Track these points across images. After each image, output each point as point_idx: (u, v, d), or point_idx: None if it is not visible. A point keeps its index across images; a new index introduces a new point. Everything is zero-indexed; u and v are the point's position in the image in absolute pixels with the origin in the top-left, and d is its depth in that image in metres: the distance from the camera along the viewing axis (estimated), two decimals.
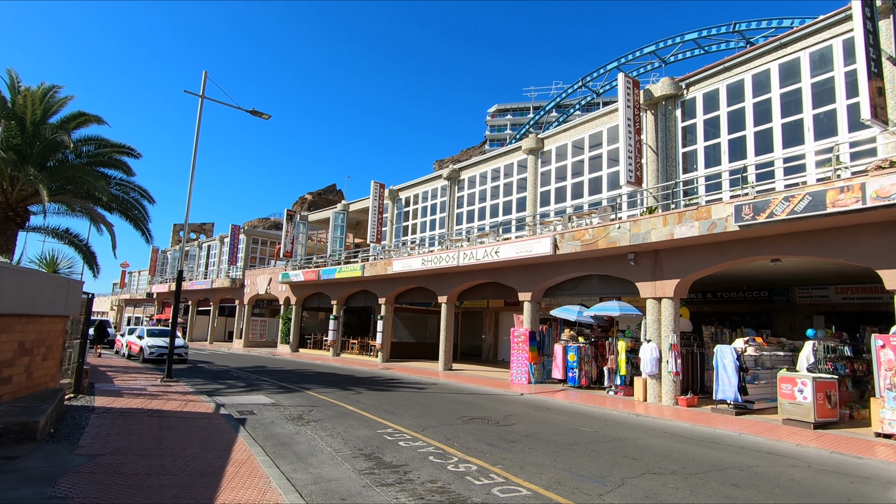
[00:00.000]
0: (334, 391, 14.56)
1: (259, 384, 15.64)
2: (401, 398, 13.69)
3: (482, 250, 18.42)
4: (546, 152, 18.86)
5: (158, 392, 12.47)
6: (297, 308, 32.74)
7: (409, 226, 25.78)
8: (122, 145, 18.65)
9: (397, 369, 22.32)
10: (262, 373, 19.33)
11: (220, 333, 45.12)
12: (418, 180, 25.43)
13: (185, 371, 18.90)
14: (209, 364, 22.47)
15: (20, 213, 16.99)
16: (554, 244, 15.65)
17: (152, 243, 20.54)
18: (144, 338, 22.41)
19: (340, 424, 9.72)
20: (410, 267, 22.10)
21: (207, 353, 29.89)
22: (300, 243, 33.33)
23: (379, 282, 25.84)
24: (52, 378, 9.42)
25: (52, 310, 8.82)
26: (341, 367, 23.02)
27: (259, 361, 25.14)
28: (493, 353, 30.10)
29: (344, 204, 30.27)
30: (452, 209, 22.79)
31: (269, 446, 7.73)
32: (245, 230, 40.49)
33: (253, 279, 37.34)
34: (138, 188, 19.50)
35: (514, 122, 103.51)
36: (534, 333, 17.88)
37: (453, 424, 10.21)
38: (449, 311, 22.12)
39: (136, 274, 63.95)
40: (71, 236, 19.55)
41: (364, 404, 12.31)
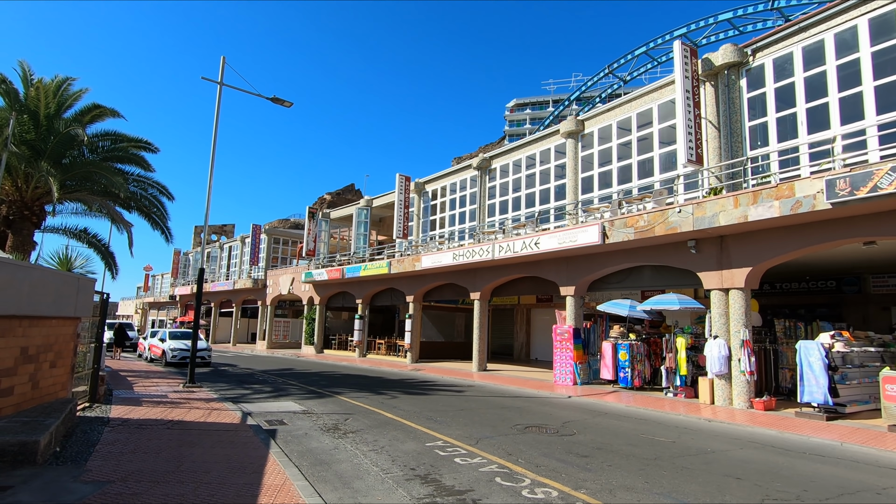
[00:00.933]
0: (367, 396, 13.44)
1: (286, 389, 14.61)
2: (440, 403, 12.50)
3: (520, 242, 17.14)
4: (587, 135, 17.49)
5: (180, 399, 11.49)
6: (320, 308, 31.83)
7: (436, 220, 24.61)
8: (139, 139, 17.82)
9: (428, 370, 21.18)
10: (288, 376, 18.34)
11: (243, 335, 44.59)
12: (446, 171, 24.24)
13: (208, 375, 18.01)
14: (233, 367, 21.61)
15: (36, 212, 16.23)
16: (602, 233, 14.30)
17: (172, 242, 19.73)
18: (167, 341, 21.64)
19: (382, 436, 8.56)
20: (440, 262, 20.92)
21: (231, 356, 29.14)
22: (323, 241, 32.41)
23: (406, 279, 24.72)
24: (62, 387, 8.44)
25: (59, 311, 7.83)
26: (369, 369, 21.96)
27: (284, 364, 24.23)
28: (525, 352, 28.78)
29: (367, 199, 29.23)
30: (483, 200, 21.54)
31: (306, 466, 6.60)
32: (266, 230, 39.79)
33: (275, 279, 36.58)
34: (157, 184, 18.67)
35: (533, 116, 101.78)
36: (578, 331, 16.55)
37: (509, 434, 8.98)
38: (482, 308, 20.89)
39: (160, 277, 64.04)
40: (89, 236, 18.81)
41: (403, 411, 11.15)
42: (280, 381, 16.69)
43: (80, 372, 10.87)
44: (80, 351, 11.96)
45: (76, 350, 9.01)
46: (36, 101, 15.60)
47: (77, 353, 9.08)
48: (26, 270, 6.81)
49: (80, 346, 11.80)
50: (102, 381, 10.56)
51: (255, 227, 39.39)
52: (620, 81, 46.31)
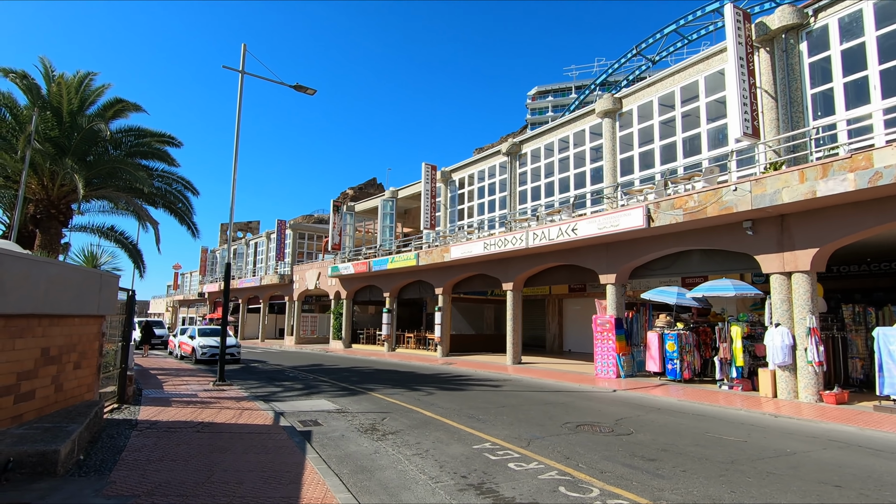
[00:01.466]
0: (402, 392, 12.85)
1: (318, 386, 14.13)
2: (479, 399, 11.83)
3: (555, 229, 16.29)
4: (625, 113, 16.49)
5: (210, 398, 11.07)
6: (347, 302, 31.48)
7: (464, 209, 23.86)
8: (162, 134, 17.52)
9: (460, 364, 20.54)
10: (318, 372, 17.92)
11: (271, 331, 44.71)
12: (473, 159, 23.45)
13: (238, 372, 17.70)
14: (263, 363, 21.33)
15: (63, 211, 16.06)
16: (647, 215, 13.37)
17: (199, 238, 19.46)
18: (196, 338, 21.48)
19: (425, 437, 7.92)
20: (471, 252, 20.20)
21: (260, 352, 29.03)
22: (348, 235, 32.00)
23: (435, 270, 24.08)
24: (87, 389, 8.03)
25: (81, 309, 7.37)
26: (400, 364, 21.43)
27: (313, 359, 23.90)
28: (558, 344, 27.93)
29: (392, 191, 28.65)
30: (514, 187, 20.71)
31: (347, 474, 6.00)
32: (291, 225, 39.63)
33: (301, 274, 36.39)
34: (181, 179, 18.36)
35: (555, 103, 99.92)
36: (620, 321, 15.67)
37: (560, 435, 8.25)
38: (515, 299, 20.12)
39: (189, 275, 64.88)
40: (116, 234, 18.65)
41: (441, 408, 10.51)
42: (310, 377, 16.25)
43: (108, 372, 10.53)
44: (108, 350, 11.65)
45: (102, 350, 8.59)
46: (58, 98, 15.36)
47: (103, 352, 8.66)
48: (43, 266, 6.34)
49: (108, 345, 11.48)
50: (131, 381, 10.20)
51: (280, 222, 39.25)
52: (648, 62, 44.75)
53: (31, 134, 13.50)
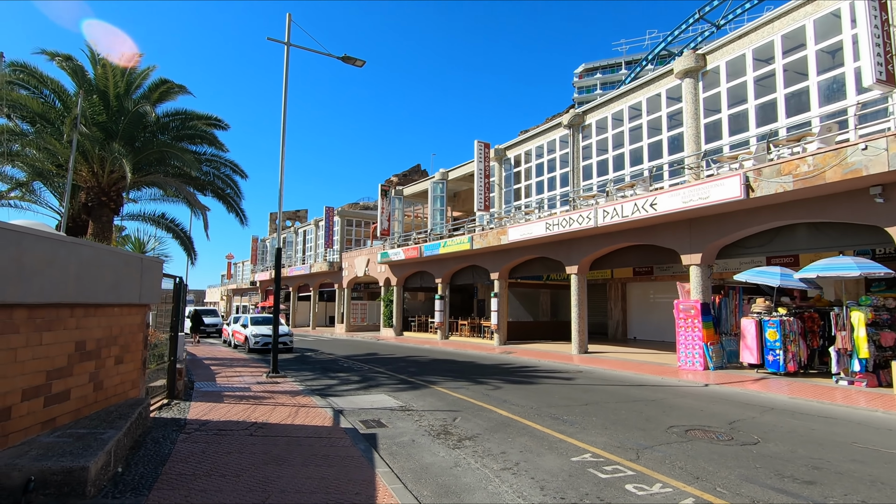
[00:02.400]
0: (466, 386, 11.71)
1: (375, 378, 13.20)
2: (555, 395, 10.53)
3: (629, 205, 14.64)
4: (710, 72, 14.54)
5: (264, 392, 10.26)
6: (398, 289, 30.67)
7: (520, 188, 22.37)
8: (209, 116, 16.89)
9: (520, 353, 19.25)
10: (373, 362, 17.06)
11: (321, 318, 44.74)
12: (530, 134, 21.87)
13: (291, 362, 17.08)
14: (315, 352, 20.74)
15: (113, 198, 15.69)
16: (745, 185, 11.58)
17: (247, 225, 18.90)
18: (249, 326, 21.10)
19: (509, 445, 6.72)
20: (530, 234, 18.77)
21: (312, 340, 28.68)
22: (397, 220, 31.09)
23: (490, 254, 22.78)
24: (132, 386, 7.25)
25: (120, 297, 6.54)
26: (456, 353, 20.36)
27: (366, 348, 23.19)
28: (621, 331, 26.16)
29: (442, 172, 27.43)
30: (577, 162, 19.05)
31: (428, 496, 4.86)
32: (338, 212, 39.17)
33: (350, 261, 35.89)
34: (229, 163, 17.77)
35: (604, 80, 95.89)
36: (707, 306, 13.94)
37: (671, 443, 6.86)
38: (580, 283, 18.58)
39: (241, 264, 66.21)
40: (167, 221, 18.30)
41: (517, 406, 9.29)
42: (366, 368, 15.38)
43: (160, 364, 9.87)
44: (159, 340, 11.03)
45: (147, 342, 7.81)
46: (104, 81, 14.90)
47: (148, 345, 7.88)
48: (72, 247, 5.46)
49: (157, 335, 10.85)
50: (181, 374, 9.49)
51: (328, 209, 38.85)
52: (713, 27, 41.36)
53: (77, 117, 13.02)
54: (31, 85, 14.40)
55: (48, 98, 14.99)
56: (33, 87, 14.74)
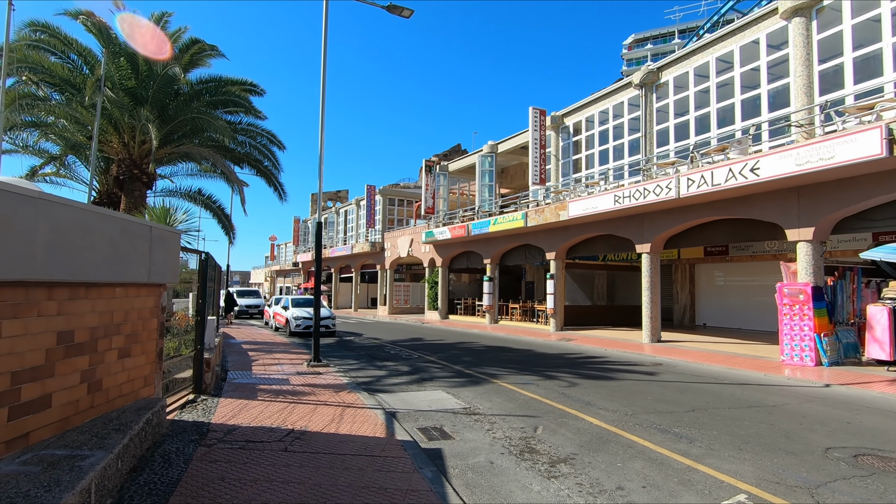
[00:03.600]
0: (535, 381, 10.03)
1: (427, 369, 11.69)
2: (647, 395, 8.73)
3: (722, 171, 12.45)
4: (826, 8, 12.04)
5: (304, 387, 8.89)
6: (443, 270, 29.15)
7: (580, 159, 20.25)
8: (244, 81, 15.59)
9: (581, 340, 17.41)
10: (421, 348, 15.60)
11: (363, 300, 43.92)
12: (592, 98, 19.65)
13: (334, 347, 15.83)
14: (358, 336, 19.49)
15: (145, 171, 14.64)
16: (888, 140, 9.27)
17: (285, 200, 17.65)
18: (290, 308, 20.04)
19: (622, 474, 5.01)
20: (595, 209, 16.74)
21: (354, 323, 27.61)
22: (442, 198, 29.43)
23: (546, 232, 20.85)
24: (144, 383, 5.91)
25: (121, 274, 5.14)
26: (511, 339, 18.69)
27: (411, 331, 21.83)
28: (689, 317, 23.81)
29: (491, 145, 25.49)
30: (650, 126, 16.79)
31: None
32: (380, 190, 37.85)
33: (393, 241, 34.60)
34: (266, 133, 16.47)
35: (655, 51, 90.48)
36: (820, 290, 11.69)
37: (849, 478, 5.00)
38: (653, 263, 16.47)
39: (284, 246, 66.37)
40: (204, 198, 17.25)
41: (606, 411, 7.55)
42: (415, 355, 13.91)
43: (187, 353, 8.63)
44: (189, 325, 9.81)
45: (163, 329, 6.45)
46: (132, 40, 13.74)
47: (164, 333, 6.52)
48: (38, 205, 4.01)
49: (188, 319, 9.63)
50: (209, 365, 8.19)
51: (370, 187, 37.59)
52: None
53: (101, 78, 11.86)
54: (54, 48, 13.37)
55: (75, 63, 13.98)
56: (59, 51, 13.73)
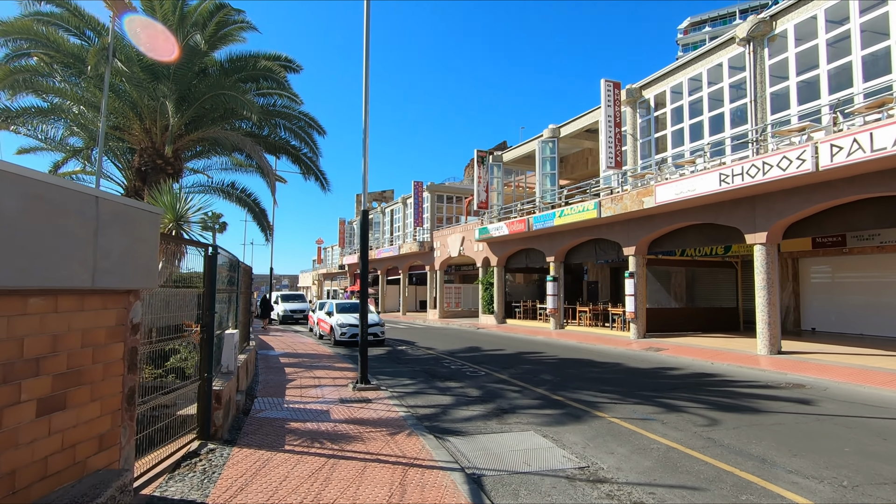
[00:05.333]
0: (655, 414, 7.39)
1: (501, 392, 9.22)
2: (834, 441, 5.94)
3: (891, 131, 9.38)
4: None
5: (348, 426, 6.62)
6: (498, 270, 26.59)
7: (663, 137, 17.29)
8: (277, 56, 13.64)
9: (673, 350, 14.50)
10: (485, 361, 13.15)
11: (411, 303, 41.89)
12: (679, 62, 16.67)
13: (384, 360, 13.62)
14: (410, 346, 17.23)
15: (170, 161, 12.87)
16: None
17: (328, 190, 15.60)
18: (334, 314, 18.04)
19: None
20: (693, 191, 13.81)
21: (404, 328, 25.47)
22: (496, 191, 26.89)
23: (623, 223, 17.99)
24: (99, 446, 3.72)
25: (28, 275, 2.95)
26: (586, 349, 15.97)
27: (467, 339, 19.42)
28: (792, 321, 20.26)
29: (552, 129, 22.75)
30: (760, 89, 13.72)
31: None
32: (428, 187, 35.69)
33: (442, 240, 32.33)
34: (304, 116, 14.44)
35: (714, 33, 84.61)
36: None
37: None
38: (769, 257, 13.38)
39: (330, 248, 65.55)
40: (238, 192, 15.48)
41: (809, 480, 4.86)
42: (481, 372, 11.47)
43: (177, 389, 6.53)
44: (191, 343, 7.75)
45: (136, 360, 4.26)
46: (150, 9, 11.99)
47: (138, 364, 4.33)
48: None
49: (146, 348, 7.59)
50: (219, 400, 6.00)
51: (417, 184, 35.51)
52: None
53: (109, 46, 10.06)
54: (65, 21, 11.76)
55: (91, 41, 12.36)
56: (74, 27, 12.14)
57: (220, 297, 6.74)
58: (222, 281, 6.77)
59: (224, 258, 6.94)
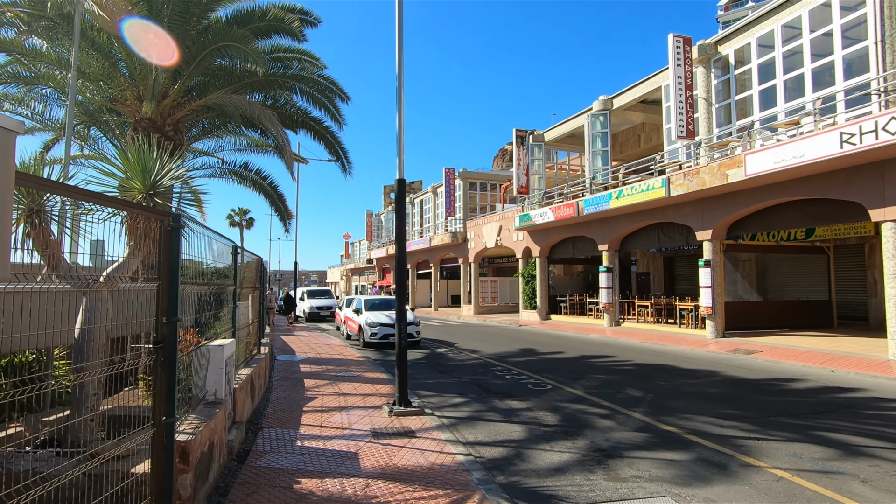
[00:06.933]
0: (839, 462, 4.97)
1: (586, 418, 6.90)
2: None
3: None
4: None
5: (385, 483, 4.41)
6: (541, 261, 24.12)
7: (747, 98, 14.55)
8: (291, 7, 11.48)
9: (769, 353, 11.92)
10: (544, 368, 10.81)
11: (443, 298, 39.69)
12: (774, 4, 13.87)
13: (422, 366, 11.44)
14: (450, 348, 15.00)
15: (170, 135, 10.89)
16: None
17: (350, 173, 13.47)
18: (363, 312, 15.95)
19: None
20: (802, 157, 11.15)
21: (438, 325, 23.29)
22: (537, 174, 24.36)
23: (697, 203, 15.37)
24: None
25: None
26: (657, 351, 13.48)
27: (512, 338, 17.09)
28: None
29: (603, 100, 20.11)
30: (889, 26, 10.92)
31: None
32: (460, 174, 33.38)
33: (477, 230, 30.01)
34: (325, 80, 12.29)
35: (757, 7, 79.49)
36: None
37: None
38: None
39: (358, 243, 63.98)
40: (252, 174, 13.54)
41: None
42: (546, 384, 9.14)
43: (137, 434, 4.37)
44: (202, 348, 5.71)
45: None
46: None
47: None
48: None
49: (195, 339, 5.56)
50: (187, 459, 3.85)
51: (448, 171, 33.23)
52: None
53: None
54: None
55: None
56: None
57: (196, 293, 4.63)
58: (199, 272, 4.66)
59: (205, 238, 4.83)
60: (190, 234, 4.55)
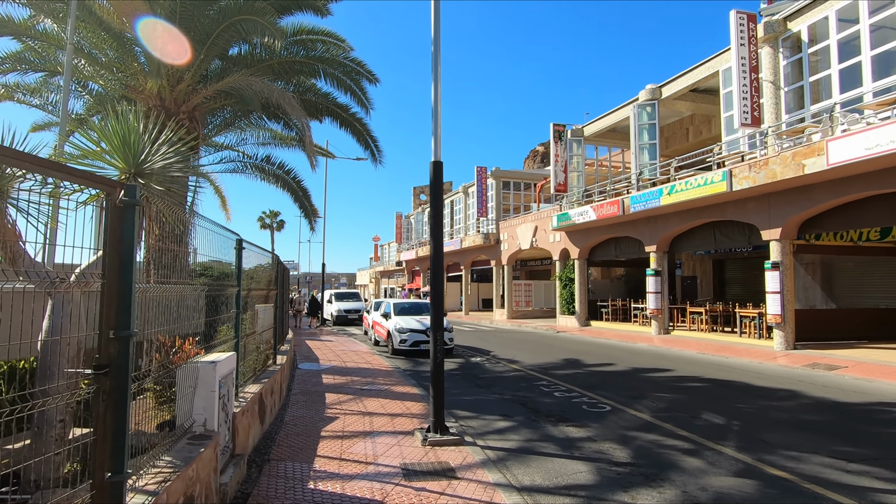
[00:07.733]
0: None
1: (668, 455, 5.58)
2: None
3: None
4: None
5: None
6: (580, 263, 22.64)
7: (822, 80, 12.89)
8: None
9: (856, 369, 10.30)
10: (598, 385, 9.48)
11: (473, 302, 38.43)
12: None
13: (456, 377, 10.26)
14: (487, 358, 13.76)
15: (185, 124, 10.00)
16: None
17: (380, 163, 12.40)
18: (392, 316, 14.88)
19: None
20: None
21: (470, 331, 22.05)
22: (576, 171, 22.92)
23: (763, 199, 13.76)
24: None
25: None
26: (724, 364, 11.94)
27: (552, 347, 15.73)
28: None
29: (651, 89, 18.58)
30: None
31: None
32: (493, 173, 32.13)
33: (511, 231, 28.68)
34: (352, 62, 11.26)
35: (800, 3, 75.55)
36: None
37: None
38: None
39: (387, 245, 63.35)
40: (275, 168, 12.64)
41: None
42: (604, 406, 7.82)
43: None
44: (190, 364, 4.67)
45: None
46: None
47: None
48: None
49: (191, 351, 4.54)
50: None
51: (480, 170, 32.03)
52: None
53: None
54: None
55: None
56: None
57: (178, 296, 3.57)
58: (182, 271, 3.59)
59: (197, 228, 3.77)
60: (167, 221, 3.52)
